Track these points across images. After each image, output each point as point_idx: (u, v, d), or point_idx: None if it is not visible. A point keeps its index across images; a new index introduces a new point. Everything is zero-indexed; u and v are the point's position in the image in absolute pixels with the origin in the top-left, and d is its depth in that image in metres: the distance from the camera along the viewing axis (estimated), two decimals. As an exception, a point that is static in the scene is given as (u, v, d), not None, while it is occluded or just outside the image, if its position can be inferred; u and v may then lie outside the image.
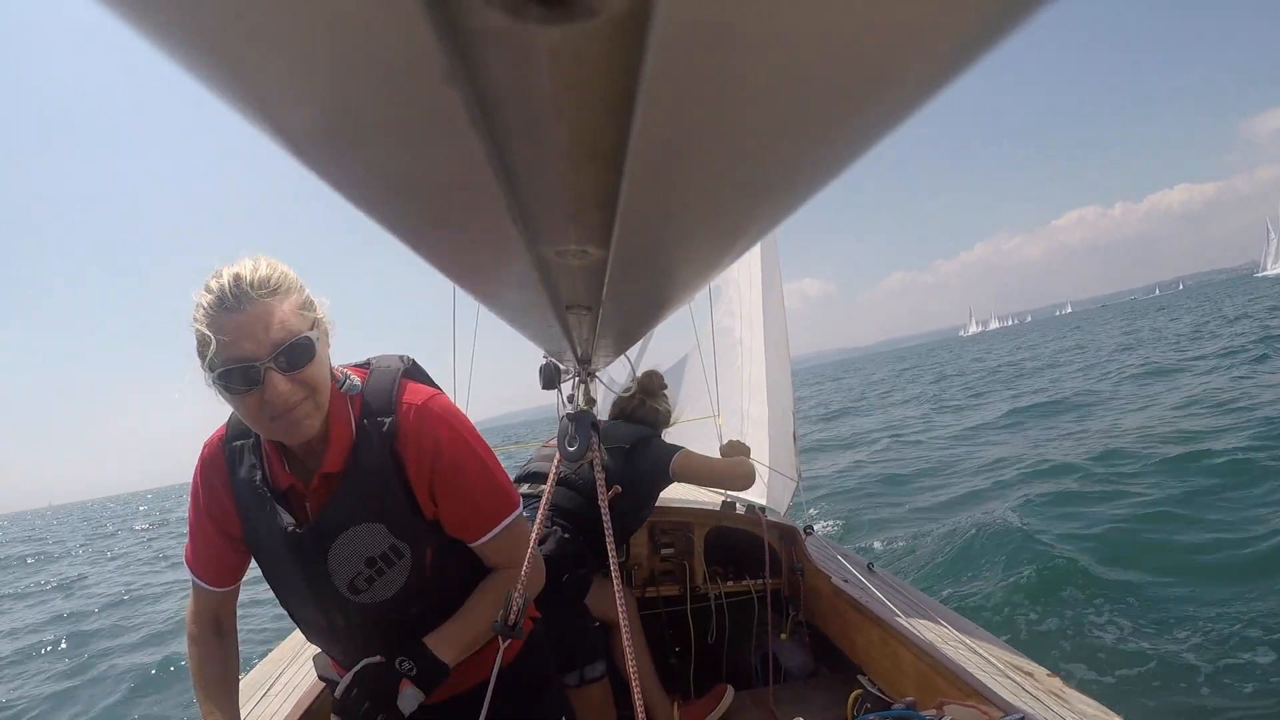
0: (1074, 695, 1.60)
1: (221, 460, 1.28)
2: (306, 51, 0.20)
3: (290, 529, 1.24)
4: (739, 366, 3.45)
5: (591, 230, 0.39)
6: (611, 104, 0.25)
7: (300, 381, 1.11)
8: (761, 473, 3.20)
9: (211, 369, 1.08)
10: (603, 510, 1.53)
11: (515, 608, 1.60)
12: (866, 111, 0.25)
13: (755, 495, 3.22)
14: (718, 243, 0.42)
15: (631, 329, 0.81)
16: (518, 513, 1.38)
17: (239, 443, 1.27)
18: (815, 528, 2.68)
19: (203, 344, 1.07)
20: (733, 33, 0.19)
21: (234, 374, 1.07)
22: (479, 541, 1.34)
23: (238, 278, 1.08)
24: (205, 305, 1.07)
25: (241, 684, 2.03)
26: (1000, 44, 0.21)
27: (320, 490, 1.24)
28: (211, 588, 1.35)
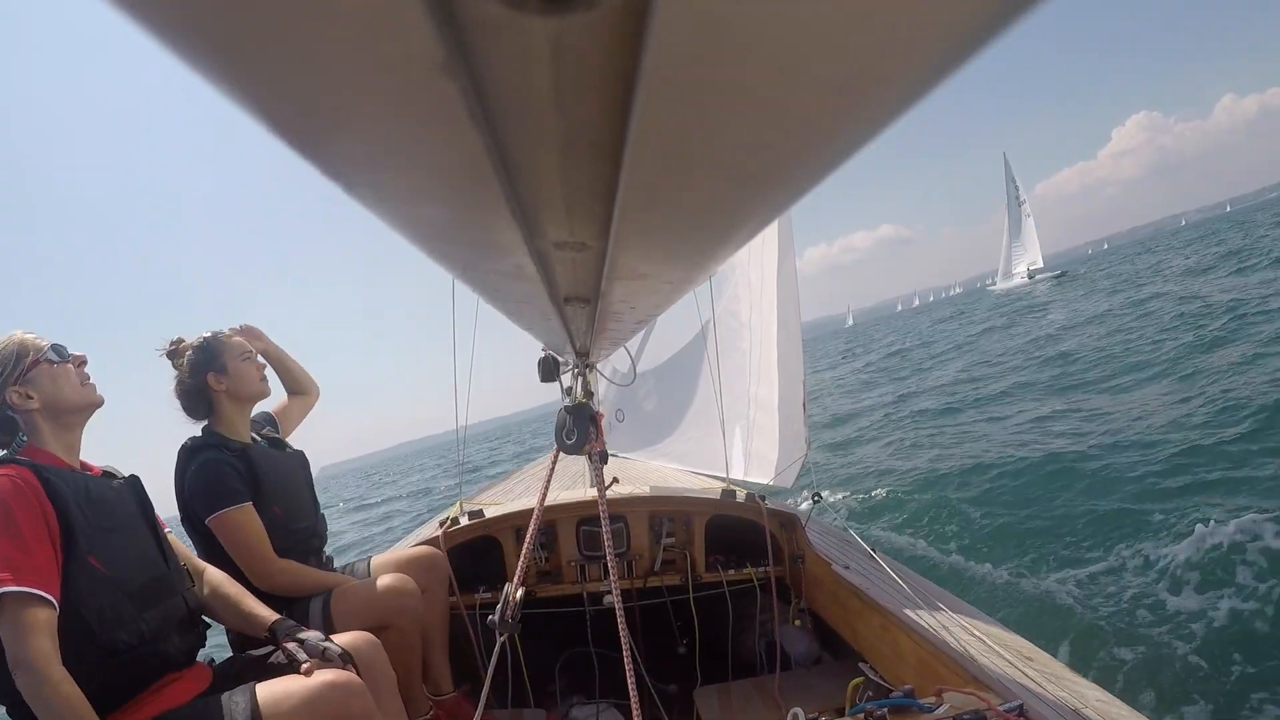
0: (1076, 680, 1.60)
1: (35, 479, 1.41)
2: (304, 41, 0.20)
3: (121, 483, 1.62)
4: (745, 349, 3.43)
5: (590, 223, 0.39)
6: (610, 96, 0.25)
7: None
8: (768, 453, 3.20)
9: None
10: (601, 507, 1.53)
11: (512, 602, 1.61)
12: (865, 104, 0.25)
13: (760, 475, 3.22)
14: (717, 235, 0.42)
15: (630, 321, 0.81)
16: None
17: (50, 469, 1.45)
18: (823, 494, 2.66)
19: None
20: (731, 24, 0.19)
21: None
22: None
23: None
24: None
25: None
26: (1001, 36, 0.21)
27: None
28: (57, 605, 1.33)
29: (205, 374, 2.06)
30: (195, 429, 2.07)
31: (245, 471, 2.00)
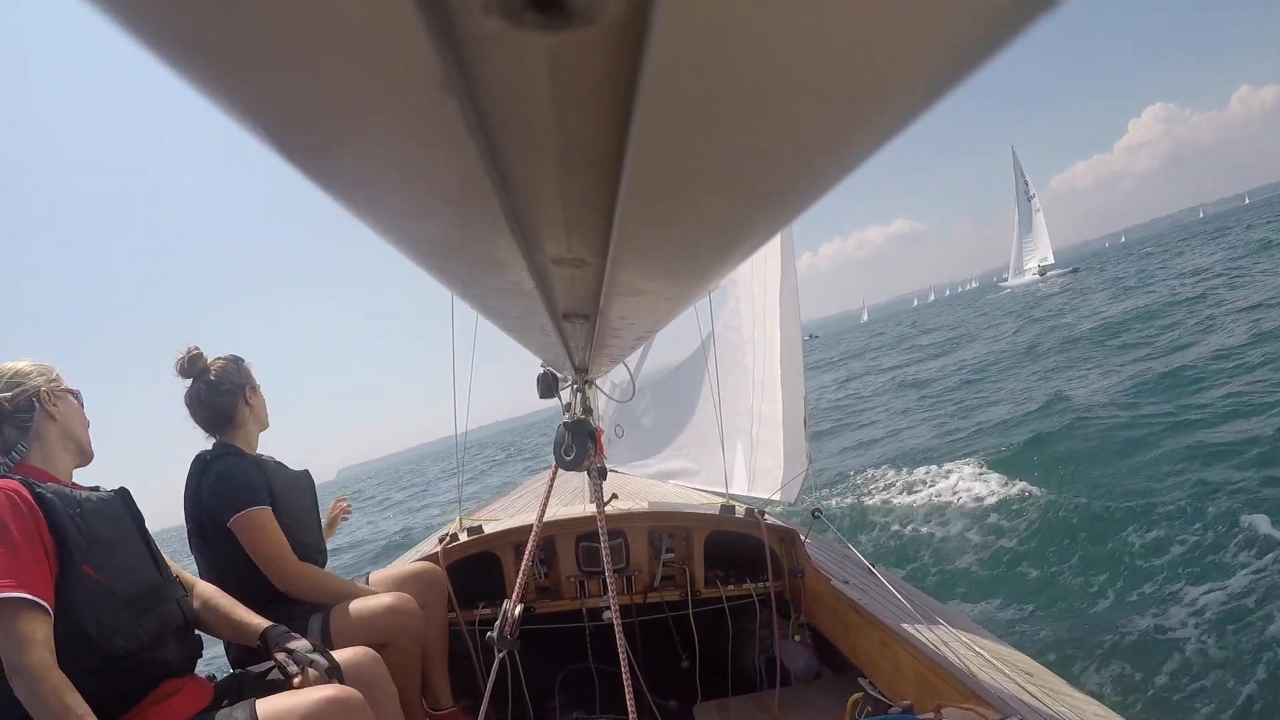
0: (1077, 695, 1.59)
1: (28, 493, 1.42)
2: (303, 57, 0.20)
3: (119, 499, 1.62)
4: (748, 365, 3.42)
5: (589, 239, 0.39)
6: (609, 111, 0.24)
7: None
8: (772, 469, 3.19)
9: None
10: (600, 523, 1.53)
11: (512, 618, 1.60)
12: (870, 117, 0.25)
13: (764, 490, 3.21)
14: (717, 251, 0.42)
15: (629, 337, 0.81)
16: None
17: (42, 485, 1.46)
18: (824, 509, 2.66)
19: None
20: (731, 39, 0.19)
21: None
22: None
23: None
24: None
25: None
26: (1001, 51, 0.21)
27: None
28: (52, 612, 1.33)
29: (242, 389, 2.11)
30: (197, 441, 2.09)
31: (262, 480, 2.03)
